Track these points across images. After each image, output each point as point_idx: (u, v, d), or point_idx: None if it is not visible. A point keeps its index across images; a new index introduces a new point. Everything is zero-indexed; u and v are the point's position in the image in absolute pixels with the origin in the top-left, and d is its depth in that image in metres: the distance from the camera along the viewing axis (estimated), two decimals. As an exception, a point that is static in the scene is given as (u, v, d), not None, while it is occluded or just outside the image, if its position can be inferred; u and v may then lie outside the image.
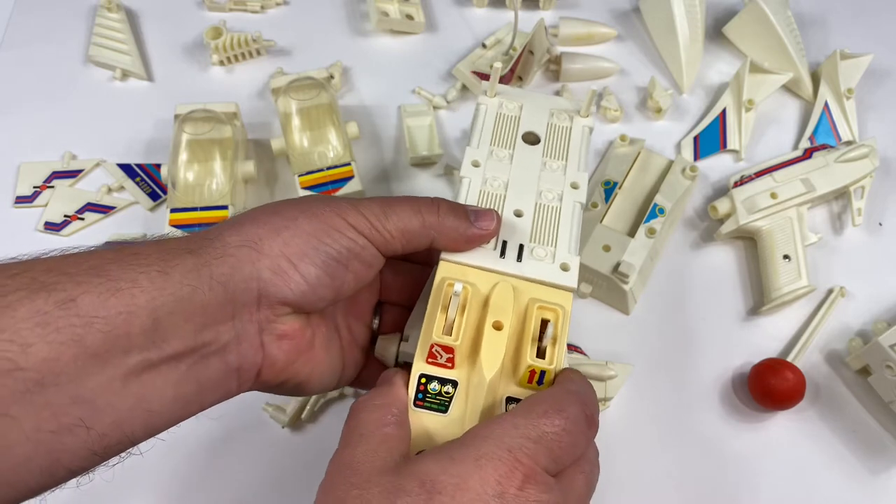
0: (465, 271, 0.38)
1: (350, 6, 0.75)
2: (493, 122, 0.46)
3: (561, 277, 0.39)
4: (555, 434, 0.32)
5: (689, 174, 0.63)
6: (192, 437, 0.54)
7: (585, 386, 0.35)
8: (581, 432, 0.33)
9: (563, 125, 0.46)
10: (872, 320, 0.60)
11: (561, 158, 0.44)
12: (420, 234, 0.37)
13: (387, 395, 0.35)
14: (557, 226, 0.41)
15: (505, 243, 0.39)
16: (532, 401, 0.33)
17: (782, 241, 0.60)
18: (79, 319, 0.28)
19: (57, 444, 0.28)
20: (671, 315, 0.60)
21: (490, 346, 0.36)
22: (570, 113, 0.47)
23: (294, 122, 0.61)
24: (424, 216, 0.37)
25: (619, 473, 0.54)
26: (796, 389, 0.55)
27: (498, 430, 0.31)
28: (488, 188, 0.42)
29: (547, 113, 0.47)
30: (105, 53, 0.69)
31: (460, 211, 0.38)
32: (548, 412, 0.32)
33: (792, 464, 0.55)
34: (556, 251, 0.40)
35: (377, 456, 0.31)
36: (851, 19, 0.77)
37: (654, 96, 0.68)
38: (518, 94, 0.48)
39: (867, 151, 0.64)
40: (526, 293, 0.38)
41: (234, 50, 0.69)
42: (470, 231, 0.38)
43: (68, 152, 0.65)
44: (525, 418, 0.32)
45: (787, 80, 0.70)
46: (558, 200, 0.42)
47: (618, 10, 0.77)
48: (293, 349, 0.36)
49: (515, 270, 0.38)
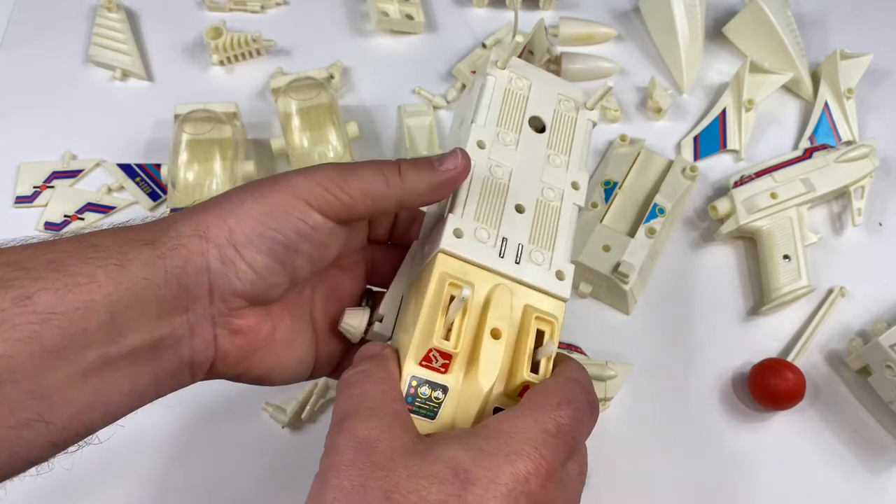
0: (464, 268, 0.36)
1: (350, 6, 0.75)
2: (502, 100, 0.42)
3: (556, 286, 0.37)
4: (569, 426, 0.31)
5: (689, 174, 0.63)
6: (192, 437, 0.54)
7: (584, 372, 0.35)
8: (588, 419, 0.33)
9: (570, 115, 0.43)
10: (872, 320, 0.60)
11: (565, 153, 0.42)
12: (385, 196, 0.35)
13: (384, 367, 0.34)
14: (556, 229, 0.39)
15: (505, 240, 0.37)
16: (543, 393, 0.33)
17: (782, 241, 0.60)
18: (35, 316, 0.28)
19: (15, 439, 0.28)
20: (671, 315, 0.60)
21: (488, 356, 0.35)
22: (577, 103, 0.44)
23: (294, 122, 0.61)
24: (387, 176, 0.35)
25: (619, 473, 0.54)
26: (796, 389, 0.55)
27: (521, 426, 0.31)
28: (492, 175, 0.39)
29: (555, 98, 0.43)
30: (105, 53, 0.69)
31: (421, 163, 0.36)
32: (561, 404, 0.32)
33: (792, 464, 0.55)
34: (554, 257, 0.38)
35: (394, 433, 0.30)
36: (851, 19, 0.77)
37: (654, 96, 0.68)
38: (528, 70, 0.44)
39: (867, 151, 0.64)
40: (522, 298, 0.36)
41: (234, 50, 0.69)
42: (436, 177, 0.36)
43: (68, 152, 0.65)
44: (542, 412, 0.31)
45: (787, 80, 0.70)
46: (559, 200, 0.40)
47: (618, 10, 0.77)
48: (247, 344, 0.35)
49: (514, 273, 0.37)
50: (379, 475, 0.29)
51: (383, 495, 0.28)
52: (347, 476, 0.29)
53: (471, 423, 0.34)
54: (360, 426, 0.31)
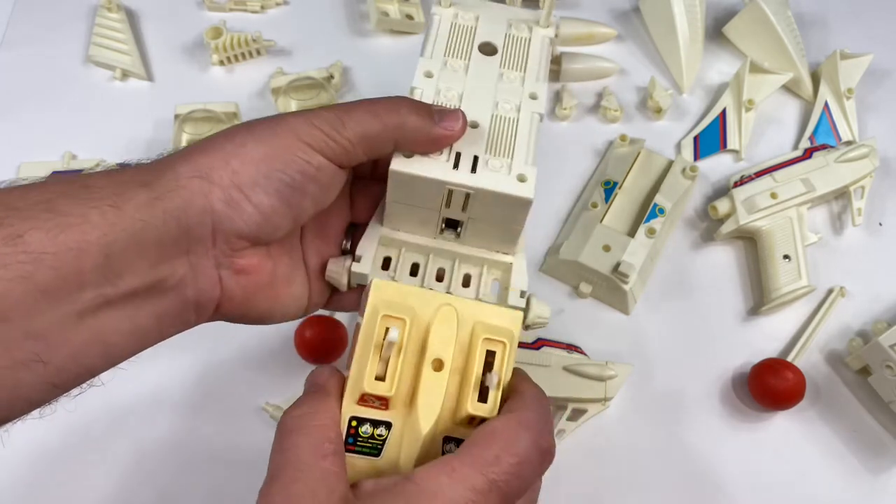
0: (403, 291, 0.35)
1: (350, 6, 0.75)
2: (448, 33, 0.43)
3: (517, 188, 0.36)
4: (506, 480, 0.30)
5: (689, 174, 0.63)
6: (192, 437, 0.54)
7: (541, 410, 0.33)
8: (533, 470, 0.31)
9: (523, 36, 0.44)
10: (872, 320, 0.60)
11: (519, 70, 0.42)
12: (382, 138, 0.35)
13: (321, 411, 0.32)
14: (515, 136, 0.38)
15: (459, 154, 0.36)
16: (481, 443, 0.31)
17: (782, 241, 0.60)
18: (27, 256, 0.28)
19: (12, 380, 0.28)
20: (671, 315, 0.60)
21: (428, 392, 0.33)
22: (530, 23, 0.44)
23: (294, 122, 0.61)
24: (384, 118, 0.34)
25: (619, 473, 0.54)
26: (796, 389, 0.55)
27: (447, 486, 0.29)
28: (442, 99, 0.39)
29: (505, 23, 0.44)
30: (105, 53, 0.69)
31: (423, 110, 0.36)
32: (499, 457, 0.30)
33: (792, 464, 0.55)
34: (513, 162, 0.37)
35: (317, 498, 0.29)
36: (851, 19, 0.77)
37: (654, 96, 0.68)
38: (475, 4, 0.45)
39: (867, 151, 0.64)
40: (471, 316, 0.35)
41: (234, 50, 0.69)
42: (434, 131, 0.35)
43: (68, 152, 0.65)
44: (473, 468, 0.30)
45: (787, 80, 0.70)
46: (516, 111, 0.40)
47: (618, 10, 0.77)
48: (251, 284, 0.35)
49: (470, 181, 0.36)
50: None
51: None
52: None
53: (416, 457, 0.33)
54: (281, 494, 0.30)
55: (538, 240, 0.63)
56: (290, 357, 0.56)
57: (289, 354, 0.56)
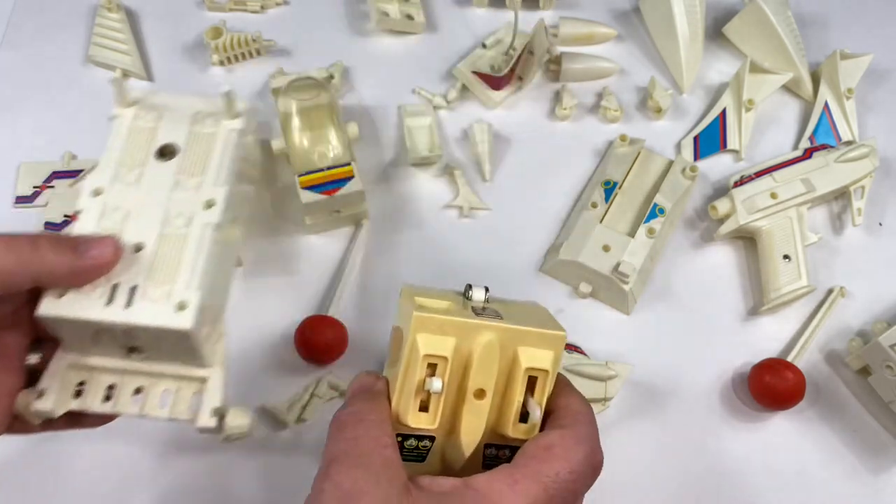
0: (443, 324, 0.34)
1: (350, 6, 0.75)
2: (125, 139, 0.40)
3: (173, 319, 0.34)
4: (562, 496, 0.31)
5: (689, 174, 0.63)
6: (191, 437, 0.53)
7: (592, 425, 0.34)
8: (586, 484, 0.32)
9: (207, 132, 0.40)
10: (872, 320, 0.60)
11: (199, 174, 0.38)
12: (17, 274, 0.32)
13: (377, 409, 0.33)
14: (181, 258, 0.36)
15: (115, 286, 0.34)
16: (540, 457, 0.32)
17: (782, 241, 0.60)
18: None
19: None
20: (671, 315, 0.60)
21: (470, 419, 0.34)
22: (217, 116, 0.41)
23: (294, 122, 0.61)
24: (19, 253, 0.32)
25: (619, 473, 0.54)
26: (796, 389, 0.55)
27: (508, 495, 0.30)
28: (106, 221, 0.36)
29: (189, 118, 0.40)
30: (105, 53, 0.69)
31: (64, 244, 0.33)
32: (559, 473, 0.31)
33: (792, 464, 0.55)
34: (175, 289, 0.34)
35: (380, 486, 0.30)
36: (851, 19, 0.77)
37: (654, 96, 0.68)
38: (162, 99, 0.42)
39: (867, 151, 0.64)
40: (513, 341, 0.35)
41: (234, 50, 0.69)
42: (78, 264, 0.33)
43: (68, 152, 0.65)
44: (534, 481, 0.31)
45: (787, 80, 0.70)
46: (187, 226, 0.36)
47: (618, 10, 0.77)
48: None
49: (121, 317, 0.33)
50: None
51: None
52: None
53: (462, 462, 0.34)
54: (346, 476, 0.30)
55: (538, 240, 0.63)
56: (291, 357, 0.56)
57: (289, 354, 0.56)
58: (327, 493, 0.30)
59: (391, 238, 0.62)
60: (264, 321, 0.58)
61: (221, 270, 0.41)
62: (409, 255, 0.61)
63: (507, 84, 0.69)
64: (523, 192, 0.65)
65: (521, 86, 0.70)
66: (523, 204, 0.64)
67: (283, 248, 0.61)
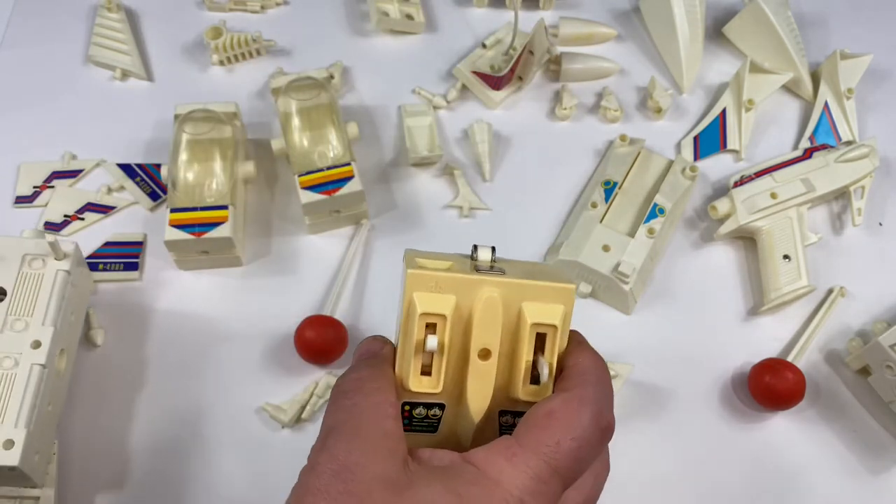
0: (440, 280, 0.32)
1: (350, 6, 0.75)
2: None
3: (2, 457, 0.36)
4: (567, 465, 0.29)
5: (689, 174, 0.63)
6: (191, 437, 0.54)
7: (600, 383, 0.32)
8: (593, 449, 0.30)
9: (36, 273, 0.43)
10: (872, 320, 0.60)
11: (27, 314, 0.41)
12: None
13: (379, 376, 0.32)
14: (9, 397, 0.38)
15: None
16: (541, 424, 0.30)
17: (782, 241, 0.60)
18: None
19: None
20: (671, 315, 0.60)
21: (476, 382, 0.32)
22: (46, 257, 0.43)
23: (294, 122, 0.61)
24: None
25: (619, 473, 0.54)
26: (796, 389, 0.55)
27: (509, 473, 0.28)
28: None
29: (19, 260, 0.43)
30: (105, 53, 0.69)
31: None
32: (560, 442, 0.29)
33: (792, 464, 0.55)
34: (1, 428, 0.37)
35: (377, 459, 0.29)
36: (851, 19, 0.77)
37: (654, 96, 0.68)
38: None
39: (867, 151, 0.64)
40: (518, 297, 0.32)
41: (234, 50, 0.69)
42: None
43: (68, 152, 0.65)
44: (534, 453, 0.29)
45: (787, 80, 0.70)
46: (14, 366, 0.39)
47: (618, 10, 0.77)
48: None
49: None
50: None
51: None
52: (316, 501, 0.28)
53: (472, 431, 0.33)
54: (342, 447, 0.29)
55: (538, 240, 0.63)
56: (290, 357, 0.56)
57: (289, 354, 0.56)
58: (322, 466, 0.29)
59: (391, 238, 0.62)
60: (264, 321, 0.58)
61: (51, 400, 0.44)
62: (409, 255, 0.61)
63: (507, 84, 0.69)
64: (523, 192, 0.65)
65: (521, 86, 0.70)
66: (523, 204, 0.64)
67: (283, 248, 0.61)
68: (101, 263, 0.59)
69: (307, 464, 0.30)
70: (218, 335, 0.57)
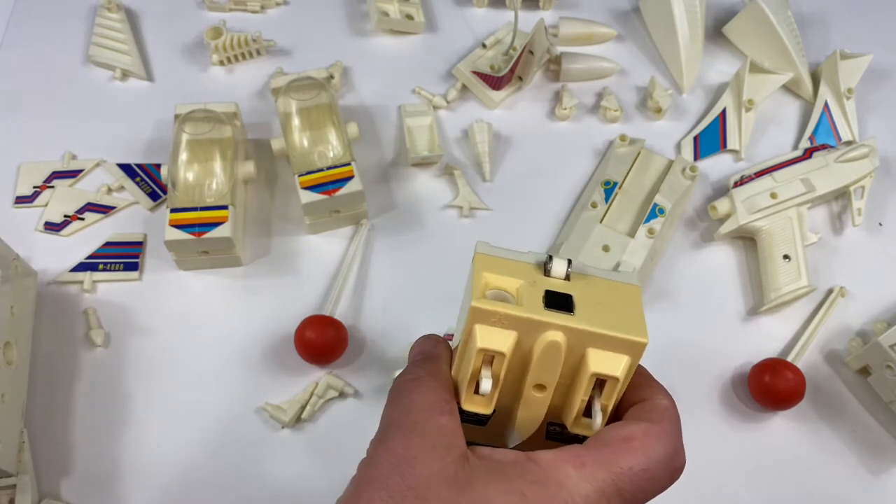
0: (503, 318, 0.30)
1: (350, 6, 0.75)
2: None
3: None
4: (632, 491, 0.29)
5: (689, 174, 0.63)
6: (192, 436, 0.54)
7: (676, 424, 0.31)
8: (660, 486, 0.30)
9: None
10: (872, 320, 0.60)
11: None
12: None
13: (434, 375, 0.32)
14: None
15: None
16: (615, 446, 0.29)
17: (782, 241, 0.60)
18: None
19: None
20: (671, 315, 0.60)
21: (527, 410, 0.32)
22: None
23: (294, 122, 0.61)
24: None
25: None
26: (796, 389, 0.55)
27: (575, 479, 0.28)
28: None
29: None
30: (105, 53, 0.69)
31: None
32: (632, 467, 0.29)
33: (792, 464, 0.55)
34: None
35: (435, 454, 0.29)
36: (851, 19, 0.77)
37: (654, 96, 0.68)
38: None
39: (867, 151, 0.64)
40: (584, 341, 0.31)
41: (234, 50, 0.69)
42: None
43: (68, 152, 0.65)
44: (604, 469, 0.29)
45: (787, 80, 0.70)
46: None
47: (618, 10, 0.77)
48: None
49: None
50: (412, 502, 0.27)
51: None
52: (380, 495, 0.28)
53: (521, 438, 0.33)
54: (401, 441, 0.29)
55: (538, 240, 0.63)
56: (290, 357, 0.56)
57: (289, 354, 0.56)
58: (381, 458, 0.29)
59: (391, 238, 0.62)
60: (264, 321, 0.58)
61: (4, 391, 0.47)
62: (408, 254, 0.61)
63: (507, 84, 0.69)
64: (523, 192, 0.65)
65: (521, 86, 0.70)
66: (523, 204, 0.64)
67: (283, 248, 0.61)
68: (101, 263, 0.59)
69: (366, 456, 0.30)
70: (218, 335, 0.57)
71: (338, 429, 0.54)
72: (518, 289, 0.32)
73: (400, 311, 0.59)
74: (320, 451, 0.54)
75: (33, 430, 0.53)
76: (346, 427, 0.54)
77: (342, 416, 0.55)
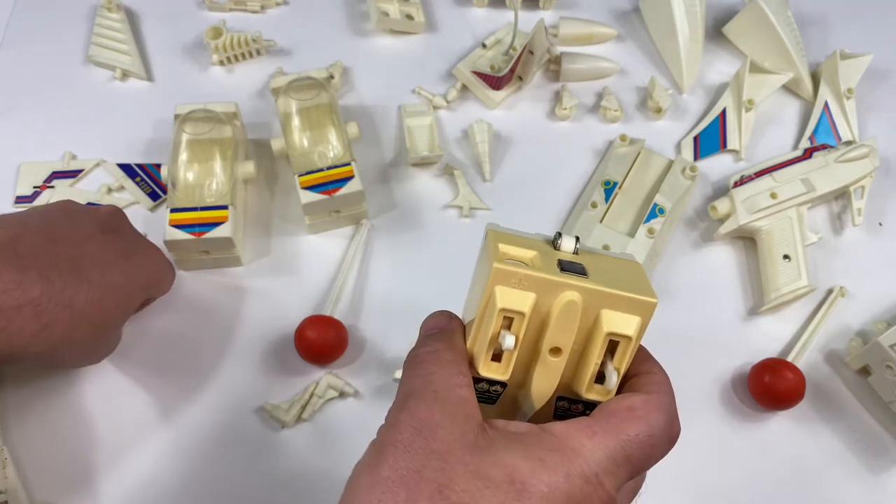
0: (523, 279, 0.31)
1: (350, 6, 0.75)
2: None
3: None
4: (639, 458, 0.31)
5: (689, 174, 0.63)
6: (192, 436, 0.54)
7: (672, 395, 0.34)
8: (661, 452, 0.32)
9: None
10: (872, 320, 0.60)
11: None
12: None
13: (452, 348, 0.33)
14: None
15: None
16: (622, 415, 0.32)
17: (782, 241, 0.60)
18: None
19: None
20: (671, 315, 0.60)
21: (543, 375, 0.33)
22: None
23: (294, 122, 0.61)
24: None
25: (619, 473, 0.54)
26: (796, 389, 0.55)
27: (589, 448, 0.30)
28: None
29: None
30: (105, 53, 0.69)
31: None
32: (639, 436, 0.31)
33: (792, 464, 0.55)
34: None
35: (456, 422, 0.30)
36: (851, 19, 0.77)
37: (654, 96, 0.68)
38: None
39: (867, 151, 0.64)
40: (597, 303, 0.32)
41: (234, 50, 0.69)
42: None
43: (68, 152, 0.65)
44: (614, 438, 0.31)
45: (787, 80, 0.70)
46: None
47: (618, 10, 0.77)
48: None
49: None
50: (435, 465, 0.28)
51: (436, 488, 0.28)
52: (403, 458, 0.29)
53: (533, 412, 0.34)
54: (423, 408, 0.30)
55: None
56: (290, 357, 0.56)
57: (289, 354, 0.56)
58: (403, 423, 0.30)
59: (391, 238, 0.62)
60: (264, 321, 0.58)
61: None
62: (409, 255, 0.62)
63: (507, 84, 0.69)
64: (523, 192, 0.65)
65: (521, 86, 0.70)
66: (523, 204, 0.64)
67: (283, 248, 0.61)
68: (101, 263, 0.59)
69: (386, 422, 0.31)
70: (218, 335, 0.57)
71: (338, 429, 0.54)
72: (532, 258, 0.33)
73: (400, 312, 0.59)
74: (320, 452, 0.54)
75: (26, 434, 0.53)
76: (346, 427, 0.54)
77: (342, 417, 0.55)
